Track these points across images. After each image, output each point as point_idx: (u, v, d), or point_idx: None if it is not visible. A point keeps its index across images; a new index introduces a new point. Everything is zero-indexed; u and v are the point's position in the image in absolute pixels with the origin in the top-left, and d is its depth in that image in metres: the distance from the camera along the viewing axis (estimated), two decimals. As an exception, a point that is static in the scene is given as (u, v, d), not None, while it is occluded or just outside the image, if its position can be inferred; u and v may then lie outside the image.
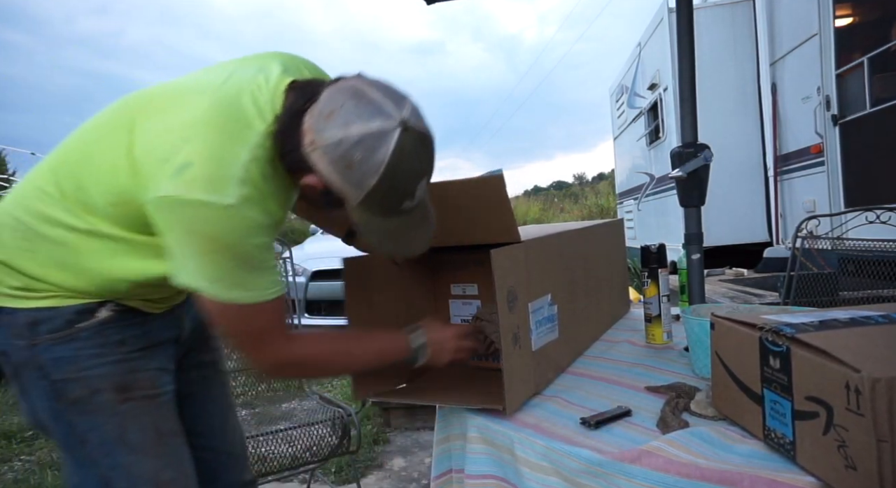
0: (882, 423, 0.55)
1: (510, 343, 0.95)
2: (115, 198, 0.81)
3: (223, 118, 0.78)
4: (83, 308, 0.86)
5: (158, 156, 0.77)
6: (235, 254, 0.78)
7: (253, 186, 0.78)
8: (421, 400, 1.07)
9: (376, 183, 0.76)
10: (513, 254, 0.98)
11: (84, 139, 0.86)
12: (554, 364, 1.13)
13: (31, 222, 0.84)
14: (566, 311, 1.18)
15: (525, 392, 1.00)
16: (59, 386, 0.85)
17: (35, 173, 0.88)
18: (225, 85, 0.82)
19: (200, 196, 0.74)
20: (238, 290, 0.80)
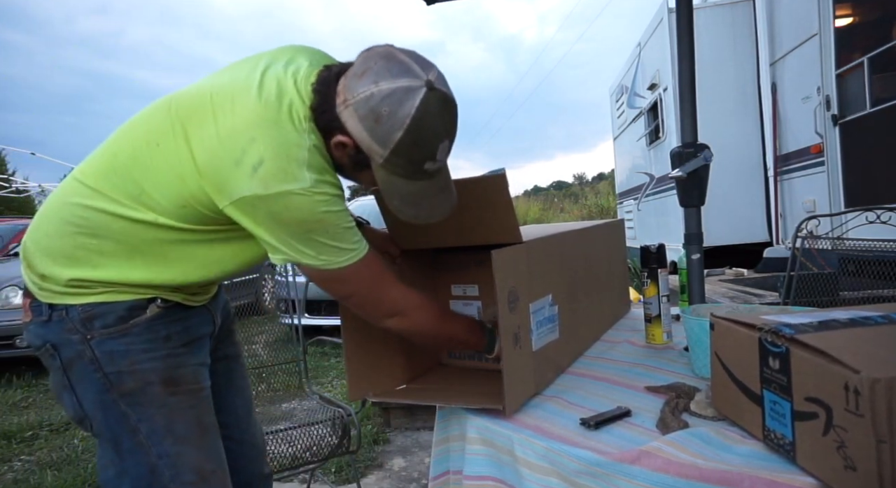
0: (881, 424, 0.55)
1: (510, 343, 0.95)
2: (183, 201, 0.86)
3: (275, 113, 0.84)
4: (134, 304, 0.91)
5: (229, 161, 0.82)
6: (326, 226, 0.86)
7: (317, 166, 0.85)
8: (421, 400, 1.08)
9: (401, 136, 0.81)
10: (514, 254, 0.98)
11: (134, 145, 0.89)
12: (554, 364, 1.13)
13: (94, 217, 0.88)
14: (566, 312, 1.18)
15: (525, 392, 1.00)
16: (113, 379, 0.89)
17: (82, 174, 0.91)
18: (265, 82, 0.86)
19: (280, 187, 0.81)
20: (345, 254, 0.89)
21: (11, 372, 4.36)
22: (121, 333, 0.90)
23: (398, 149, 0.83)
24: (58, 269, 0.89)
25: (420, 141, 0.83)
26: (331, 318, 4.61)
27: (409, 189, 0.89)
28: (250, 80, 0.86)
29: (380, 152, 0.84)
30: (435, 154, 0.86)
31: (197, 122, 0.86)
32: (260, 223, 0.85)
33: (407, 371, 1.22)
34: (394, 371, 1.19)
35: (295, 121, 0.85)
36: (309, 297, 4.69)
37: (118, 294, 0.90)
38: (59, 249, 0.89)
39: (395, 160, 0.84)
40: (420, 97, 0.80)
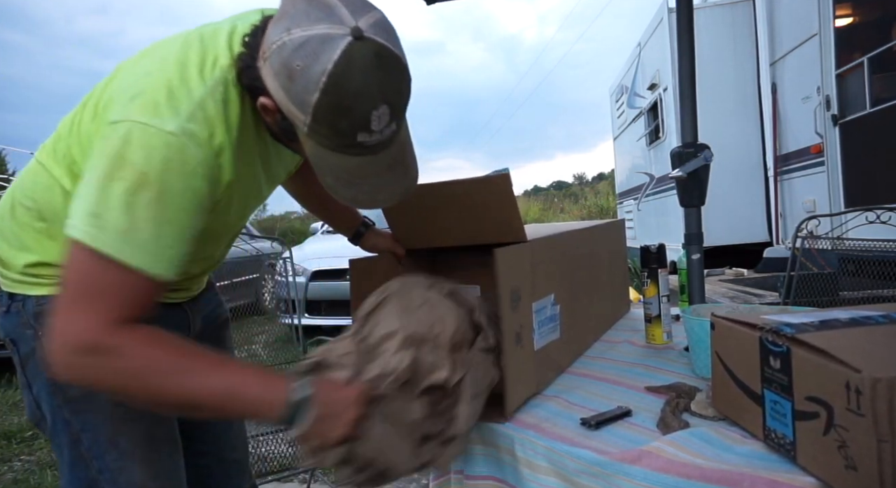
0: (882, 423, 0.55)
1: (513, 342, 0.95)
2: None
3: (186, 55, 0.72)
4: None
5: (120, 90, 0.72)
6: (145, 190, 0.65)
7: (204, 127, 0.70)
8: None
9: (318, 99, 0.64)
10: (518, 253, 0.98)
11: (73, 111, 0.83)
12: (555, 364, 1.13)
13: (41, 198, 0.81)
14: (568, 311, 1.18)
15: (526, 391, 1.00)
16: (58, 382, 0.82)
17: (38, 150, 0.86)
18: (203, 29, 0.77)
19: (140, 117, 0.66)
20: (112, 236, 0.64)
21: (12, 372, 4.36)
22: None
23: (317, 114, 0.66)
24: (13, 253, 0.83)
25: (342, 105, 0.65)
26: (331, 318, 4.61)
27: (342, 164, 0.72)
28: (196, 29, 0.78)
29: (301, 118, 0.67)
30: (368, 122, 0.67)
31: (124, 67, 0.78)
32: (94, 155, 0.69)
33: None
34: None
35: (211, 65, 0.72)
36: (309, 297, 4.71)
37: None
38: (11, 232, 0.83)
39: (317, 128, 0.68)
40: (341, 49, 0.62)
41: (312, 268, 4.65)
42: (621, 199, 8.45)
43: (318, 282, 4.60)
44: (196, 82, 0.71)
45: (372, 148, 0.71)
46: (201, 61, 0.72)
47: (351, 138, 0.69)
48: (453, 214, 1.07)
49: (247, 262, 5.00)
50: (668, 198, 5.65)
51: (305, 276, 4.63)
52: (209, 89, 0.71)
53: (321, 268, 4.65)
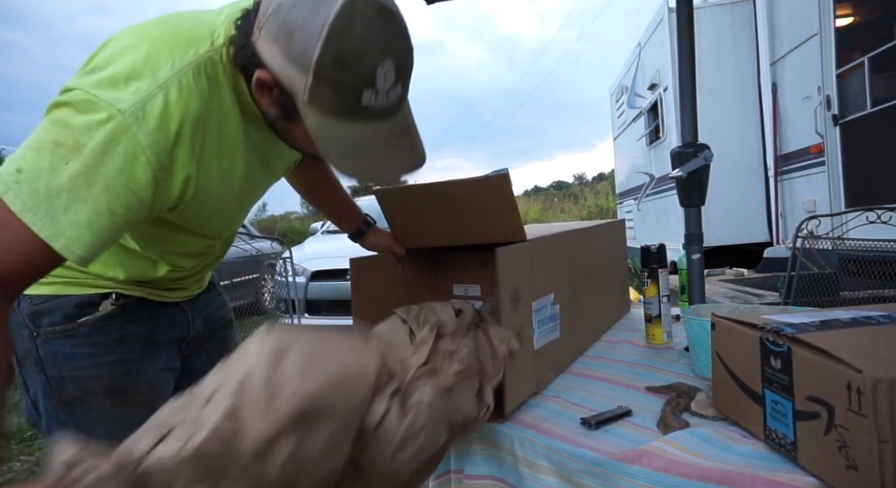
0: (883, 424, 0.55)
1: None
2: None
3: (166, 34, 0.68)
4: (84, 300, 0.81)
5: (89, 66, 0.66)
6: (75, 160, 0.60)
7: (162, 112, 0.64)
8: None
9: (320, 52, 0.61)
10: (518, 252, 0.98)
11: None
12: (554, 363, 1.13)
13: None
14: (568, 311, 1.18)
15: (525, 391, 1.00)
16: (54, 384, 0.81)
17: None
18: (186, 12, 0.73)
19: (95, 89, 0.62)
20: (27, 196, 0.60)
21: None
22: (66, 334, 0.80)
23: (320, 69, 0.62)
24: None
25: (346, 56, 0.62)
26: (331, 318, 4.61)
27: (348, 133, 0.68)
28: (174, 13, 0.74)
29: (301, 81, 0.64)
30: (373, 78, 0.64)
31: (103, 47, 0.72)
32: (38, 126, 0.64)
33: None
34: None
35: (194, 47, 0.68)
36: (309, 297, 4.71)
37: (69, 286, 0.81)
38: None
39: (320, 90, 0.64)
40: (342, 1, 0.61)
41: (312, 268, 4.65)
42: (621, 199, 8.45)
43: (318, 282, 4.60)
44: (165, 63, 0.65)
45: (378, 113, 0.68)
46: (176, 43, 0.67)
47: (356, 98, 0.65)
48: (453, 214, 1.07)
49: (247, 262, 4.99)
50: (668, 198, 5.65)
51: (305, 276, 4.63)
52: (178, 73, 0.66)
53: (321, 268, 4.65)
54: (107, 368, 0.83)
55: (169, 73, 0.65)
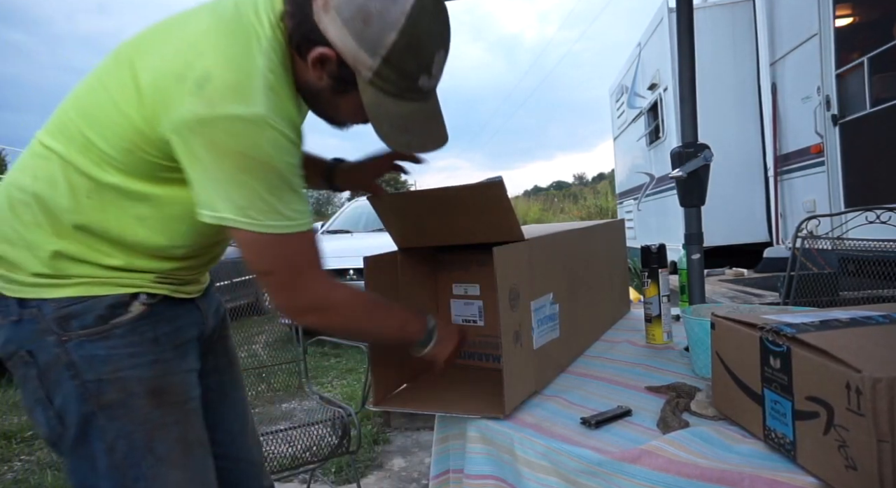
0: (882, 423, 0.55)
1: (511, 340, 0.95)
2: (128, 144, 0.74)
3: (229, 27, 0.73)
4: (116, 301, 0.80)
5: (172, 76, 0.70)
6: (268, 174, 0.72)
7: (276, 95, 0.73)
8: (419, 408, 1.06)
9: (396, 39, 0.71)
10: (516, 252, 0.98)
11: (79, 94, 0.80)
12: (554, 363, 1.13)
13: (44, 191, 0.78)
14: (567, 311, 1.18)
15: (525, 390, 1.00)
16: (92, 388, 0.78)
17: (33, 144, 0.81)
18: (219, 3, 0.76)
19: (229, 109, 0.68)
20: (273, 217, 0.73)
21: (11, 372, 4.35)
22: (101, 335, 0.79)
23: (391, 55, 0.72)
24: (21, 254, 0.78)
25: (416, 46, 0.73)
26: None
27: (399, 111, 0.78)
28: (204, 5, 0.77)
29: (368, 63, 0.73)
30: (430, 65, 0.76)
31: (145, 48, 0.76)
32: (195, 157, 0.71)
33: (408, 369, 1.21)
34: (395, 370, 1.18)
35: (256, 34, 0.73)
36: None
37: (96, 286, 0.79)
38: (14, 231, 0.78)
39: (385, 72, 0.74)
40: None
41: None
42: (621, 199, 8.45)
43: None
44: (254, 54, 0.72)
45: (425, 94, 0.80)
46: (247, 28, 0.73)
47: (413, 81, 0.77)
48: (451, 217, 1.07)
49: (247, 262, 4.96)
50: (668, 198, 5.65)
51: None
52: (266, 60, 0.73)
53: (321, 268, 4.63)
54: (147, 368, 0.82)
55: (263, 62, 0.72)
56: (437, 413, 1.04)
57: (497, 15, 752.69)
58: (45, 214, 0.78)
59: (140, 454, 0.80)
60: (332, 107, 0.84)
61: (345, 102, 0.81)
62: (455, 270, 1.31)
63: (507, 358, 0.93)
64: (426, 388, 1.16)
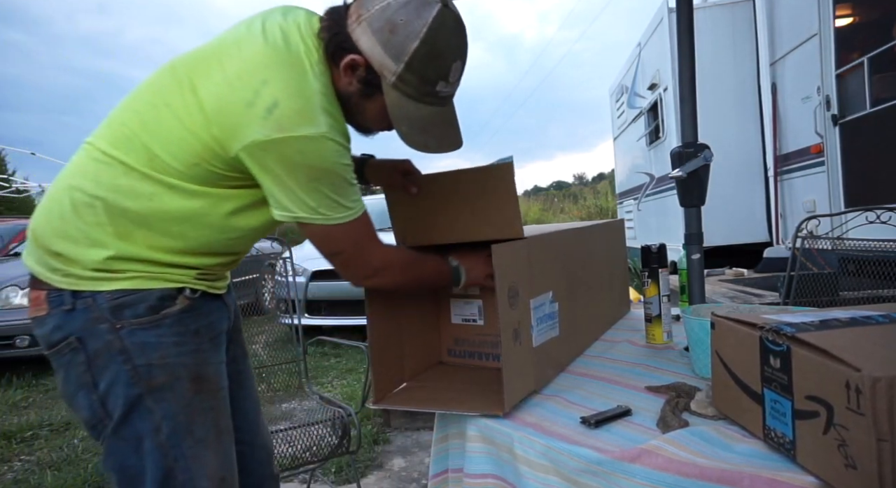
0: (882, 423, 0.55)
1: (511, 338, 0.95)
2: (195, 159, 0.84)
3: (285, 55, 0.83)
4: (165, 294, 0.88)
5: (240, 104, 0.80)
6: (333, 177, 0.85)
7: (330, 113, 0.84)
8: (419, 406, 1.06)
9: (417, 47, 0.82)
10: (515, 250, 0.99)
11: (140, 111, 0.87)
12: (554, 361, 1.13)
13: (107, 195, 0.85)
14: (567, 310, 1.18)
15: (524, 388, 1.01)
16: (143, 371, 0.85)
17: (90, 150, 0.88)
18: (267, 29, 0.85)
19: (298, 131, 0.80)
20: (338, 211, 0.87)
21: (11, 372, 4.36)
22: (152, 324, 0.86)
23: (412, 61, 0.83)
24: (82, 251, 0.85)
25: (435, 54, 0.84)
26: (331, 318, 4.61)
27: (419, 113, 0.89)
28: (252, 30, 0.86)
29: (392, 68, 0.84)
30: (448, 73, 0.87)
31: (203, 72, 0.84)
32: (268, 170, 0.83)
33: (408, 368, 1.22)
34: (396, 369, 1.19)
35: (306, 61, 0.84)
36: (309, 297, 4.71)
37: (147, 280, 0.87)
38: (78, 230, 0.85)
39: (407, 77, 0.85)
40: (436, 10, 0.82)
41: (312, 268, 4.65)
42: (621, 199, 8.45)
43: (318, 282, 4.60)
44: (311, 80, 0.83)
45: (443, 99, 0.90)
46: (298, 57, 0.84)
47: (432, 87, 0.87)
48: (454, 209, 1.09)
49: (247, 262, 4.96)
50: (668, 198, 5.65)
51: (305, 276, 4.63)
52: (320, 83, 0.84)
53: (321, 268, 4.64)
54: (190, 356, 0.90)
55: (318, 85, 0.84)
56: (436, 410, 1.05)
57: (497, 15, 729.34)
58: (108, 215, 0.85)
59: (181, 435, 0.87)
60: (360, 110, 0.92)
61: (371, 106, 0.91)
62: None
63: (507, 355, 0.93)
64: (426, 387, 1.17)
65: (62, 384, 0.89)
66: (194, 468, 0.88)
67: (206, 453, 0.90)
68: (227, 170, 0.85)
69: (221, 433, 0.94)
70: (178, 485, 0.87)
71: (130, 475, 0.87)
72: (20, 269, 4.61)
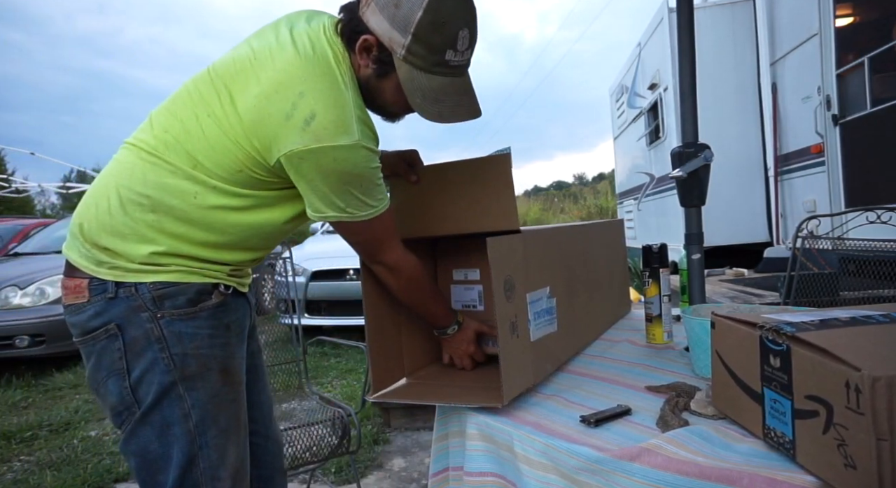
0: (882, 422, 0.55)
1: (508, 331, 0.95)
2: (238, 166, 0.89)
3: (318, 67, 0.87)
4: (203, 288, 0.93)
5: (279, 117, 0.85)
6: (363, 180, 0.90)
7: (363, 121, 0.89)
8: (417, 399, 1.08)
9: (421, 16, 0.85)
10: (511, 243, 0.99)
11: (183, 119, 0.92)
12: (552, 356, 1.14)
13: (154, 193, 0.90)
14: (565, 306, 1.19)
15: (523, 381, 1.01)
16: (178, 360, 0.90)
17: (135, 151, 0.93)
18: (296, 39, 0.89)
19: (333, 142, 0.85)
20: (367, 209, 0.93)
21: (11, 372, 4.36)
22: (189, 316, 0.91)
23: (418, 32, 0.86)
24: (131, 246, 0.89)
25: (439, 22, 0.86)
26: (331, 318, 4.61)
27: (430, 85, 0.91)
28: (281, 39, 0.90)
29: (401, 41, 0.87)
30: (455, 41, 0.89)
31: (241, 84, 0.88)
32: (304, 175, 0.88)
33: (407, 364, 1.23)
34: (395, 365, 1.20)
35: (336, 69, 0.88)
36: (309, 297, 4.71)
37: (187, 274, 0.91)
38: (126, 226, 0.90)
39: (415, 48, 0.88)
40: None
41: (312, 268, 4.65)
42: (621, 199, 8.45)
43: (318, 282, 4.60)
44: (344, 91, 0.88)
45: (455, 69, 0.93)
46: (329, 67, 0.88)
47: (441, 56, 0.89)
48: (451, 200, 1.11)
49: (247, 262, 4.97)
50: (669, 198, 5.65)
51: (305, 276, 4.63)
52: (351, 91, 0.89)
53: (321, 268, 4.65)
54: (220, 349, 0.94)
55: (350, 95, 0.88)
56: (435, 403, 1.05)
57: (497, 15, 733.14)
58: (155, 213, 0.90)
59: (208, 424, 0.92)
60: (379, 93, 0.96)
61: (387, 85, 0.94)
62: (455, 256, 1.34)
63: (504, 347, 0.93)
64: (425, 383, 1.18)
65: (91, 370, 0.92)
66: (216, 457, 0.92)
67: (228, 444, 0.93)
68: (269, 176, 0.90)
69: (242, 425, 0.98)
70: (199, 473, 0.90)
71: (151, 460, 0.90)
72: (20, 269, 4.61)
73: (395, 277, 1.04)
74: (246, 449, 1.00)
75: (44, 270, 4.50)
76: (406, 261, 1.03)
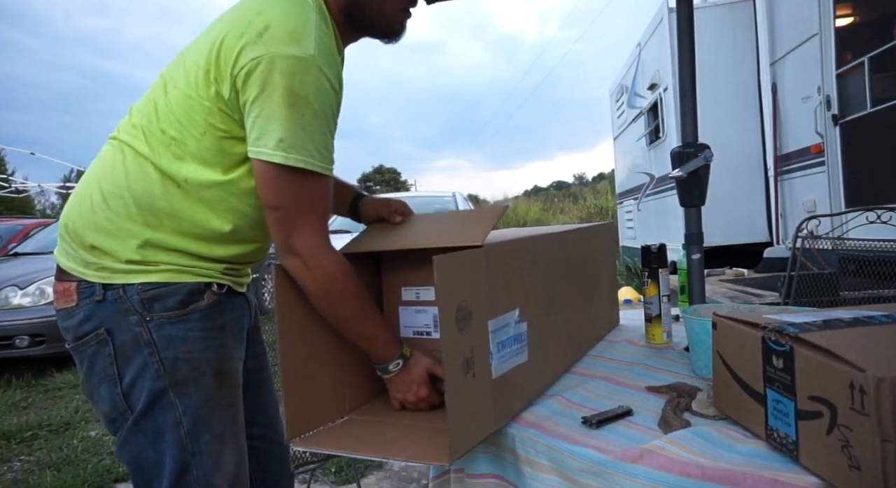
0: (886, 423, 0.54)
1: (458, 370, 0.76)
2: (202, 127, 0.85)
3: None
4: (194, 288, 0.89)
5: (234, 38, 0.81)
6: (311, 108, 0.81)
7: (323, 44, 0.84)
8: (348, 450, 0.87)
9: None
10: (466, 260, 0.80)
11: (153, 98, 0.91)
12: (521, 391, 0.95)
13: (135, 186, 0.87)
14: (539, 330, 1.00)
15: (478, 431, 0.82)
16: (168, 365, 0.86)
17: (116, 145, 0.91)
18: None
19: (284, 50, 0.79)
20: (303, 153, 0.81)
21: (11, 372, 4.35)
22: (180, 318, 0.87)
23: None
24: (116, 243, 0.87)
25: None
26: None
27: None
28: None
29: None
30: None
31: (198, 38, 0.89)
32: (249, 95, 0.81)
33: (349, 398, 1.03)
34: (332, 400, 1.00)
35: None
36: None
37: (177, 274, 0.88)
38: (110, 222, 0.87)
39: None
40: None
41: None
42: (621, 199, 8.45)
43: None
44: (306, 9, 0.84)
45: None
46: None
47: None
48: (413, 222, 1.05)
49: (246, 262, 4.98)
50: (668, 198, 5.65)
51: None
52: (316, 15, 0.84)
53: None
54: (214, 352, 0.90)
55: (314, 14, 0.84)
56: (370, 457, 0.87)
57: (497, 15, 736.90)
58: (137, 206, 0.87)
59: (201, 430, 0.88)
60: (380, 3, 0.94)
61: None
62: (404, 271, 1.10)
63: (453, 393, 0.75)
64: (369, 422, 0.98)
65: (85, 376, 0.89)
66: (210, 464, 0.88)
67: (223, 449, 0.90)
68: (231, 126, 0.85)
69: (239, 430, 0.94)
70: (192, 481, 0.87)
71: (145, 467, 0.88)
72: (20, 269, 4.61)
73: (309, 273, 0.86)
74: (244, 453, 0.95)
75: (44, 270, 4.49)
76: (327, 254, 0.87)
